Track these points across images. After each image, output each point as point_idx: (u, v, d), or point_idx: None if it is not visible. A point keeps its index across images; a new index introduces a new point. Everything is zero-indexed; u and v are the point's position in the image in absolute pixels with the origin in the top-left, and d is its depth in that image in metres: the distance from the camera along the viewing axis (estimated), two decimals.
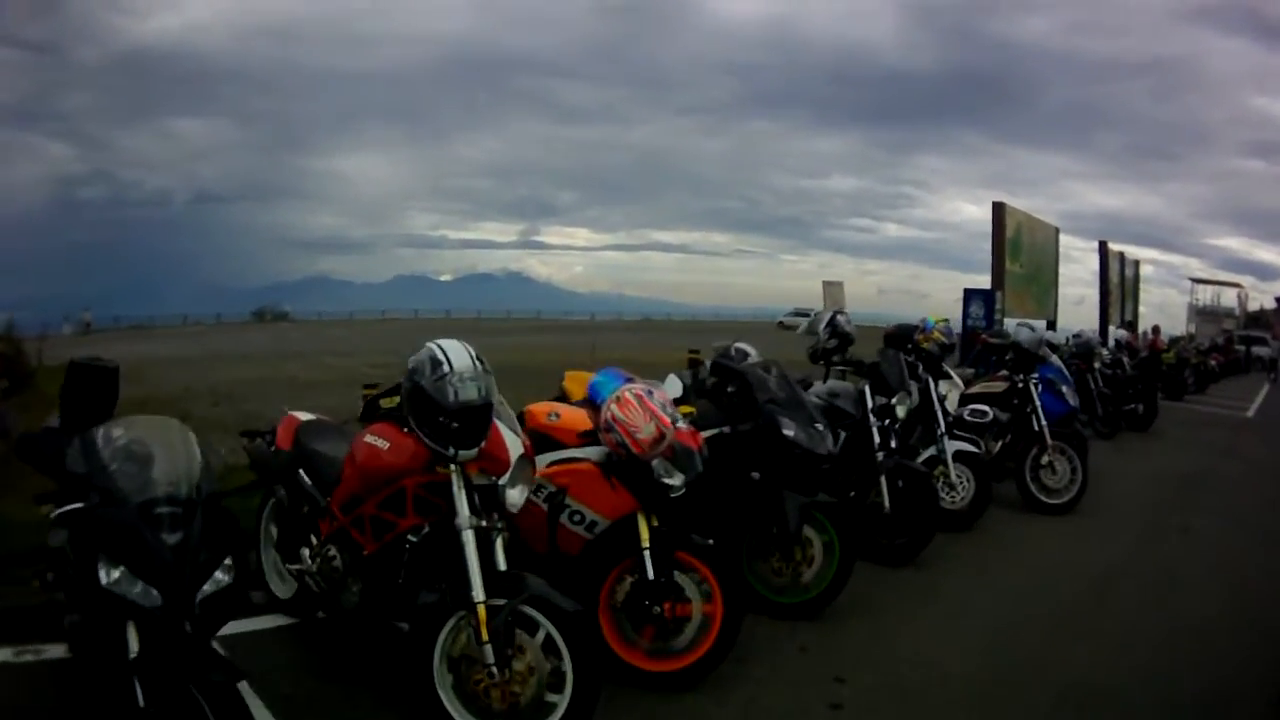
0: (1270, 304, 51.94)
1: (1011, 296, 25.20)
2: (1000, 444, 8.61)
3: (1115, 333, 18.36)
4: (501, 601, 3.36)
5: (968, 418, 8.37)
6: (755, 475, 5.05)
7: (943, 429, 7.23)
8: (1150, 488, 10.04)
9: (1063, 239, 31.66)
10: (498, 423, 3.68)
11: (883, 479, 6.24)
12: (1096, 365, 14.07)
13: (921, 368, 7.26)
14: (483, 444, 3.56)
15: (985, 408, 8.56)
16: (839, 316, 7.74)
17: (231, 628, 3.28)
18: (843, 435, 6.23)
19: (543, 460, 4.25)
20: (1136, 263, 37.07)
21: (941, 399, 7.50)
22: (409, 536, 3.70)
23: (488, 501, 3.62)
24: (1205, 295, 49.29)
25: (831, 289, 21.17)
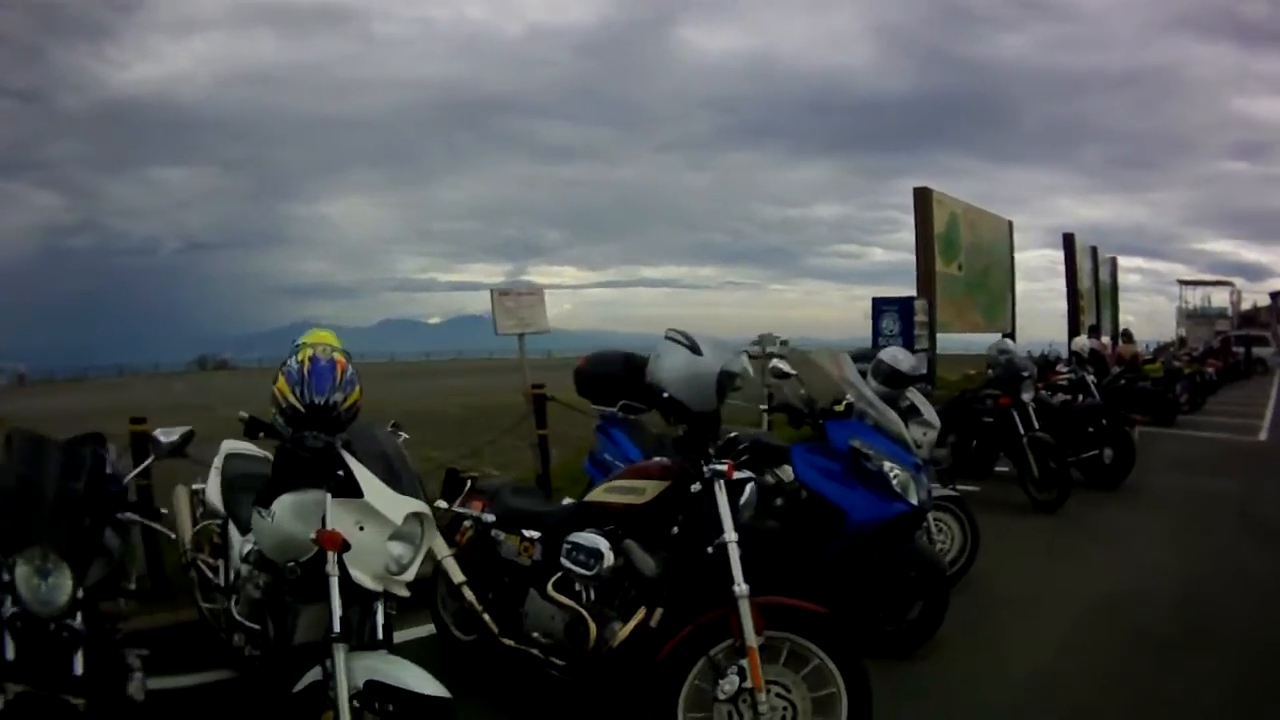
0: (1265, 301, 47.61)
1: (948, 306, 20.04)
2: None
3: (1076, 343, 13.26)
4: None
5: None
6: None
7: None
8: (1095, 655, 5.02)
9: (1046, 253, 26.73)
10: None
11: None
12: (1028, 397, 9.01)
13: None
14: None
15: None
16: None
17: None
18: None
19: None
20: (1113, 260, 31.80)
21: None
22: None
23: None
24: (1195, 298, 46.53)
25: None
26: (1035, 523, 8.20)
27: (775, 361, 5.74)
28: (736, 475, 3.64)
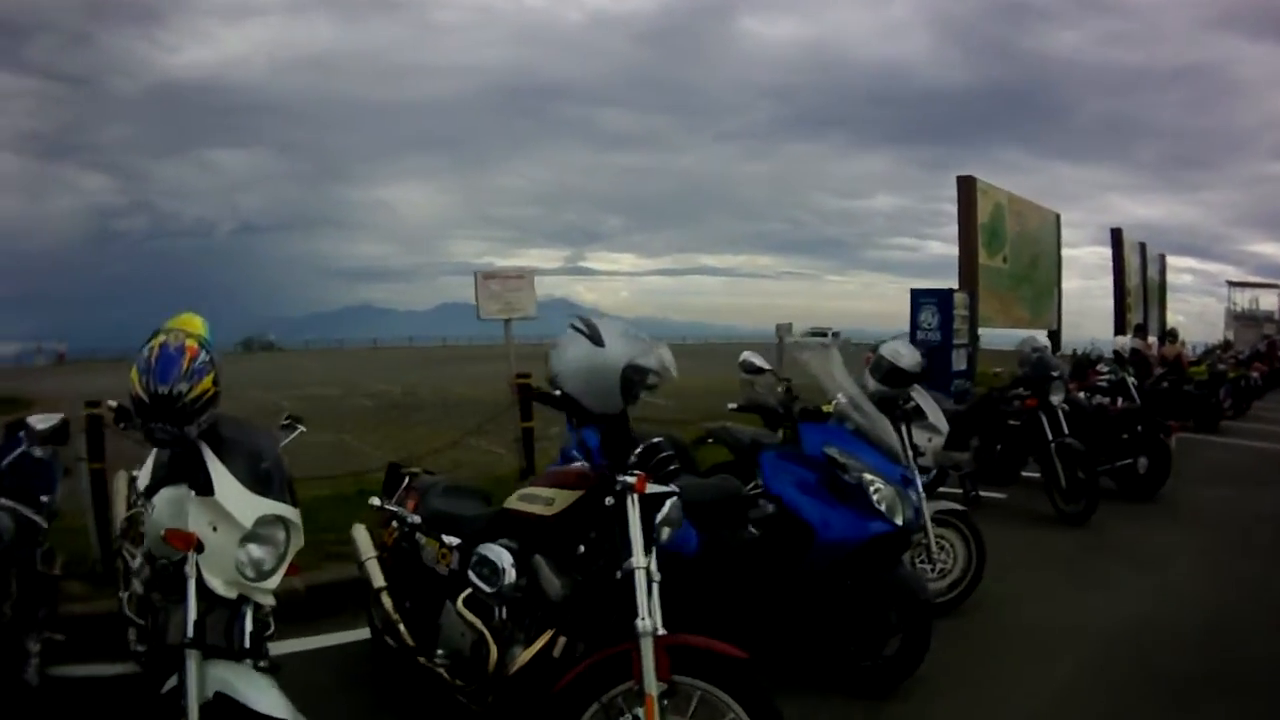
0: None
1: (991, 300, 19.49)
2: None
3: (1117, 342, 12.63)
4: None
5: None
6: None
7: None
8: (1101, 700, 4.50)
9: (1098, 250, 25.93)
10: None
11: None
12: (1058, 399, 8.51)
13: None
14: None
15: None
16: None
17: None
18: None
19: None
20: (1162, 256, 30.81)
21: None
22: None
23: None
24: (1243, 299, 44.82)
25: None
26: (1058, 537, 7.69)
27: (746, 354, 5.20)
28: (652, 489, 3.17)
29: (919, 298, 16.46)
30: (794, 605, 4.44)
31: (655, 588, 3.01)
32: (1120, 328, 23.21)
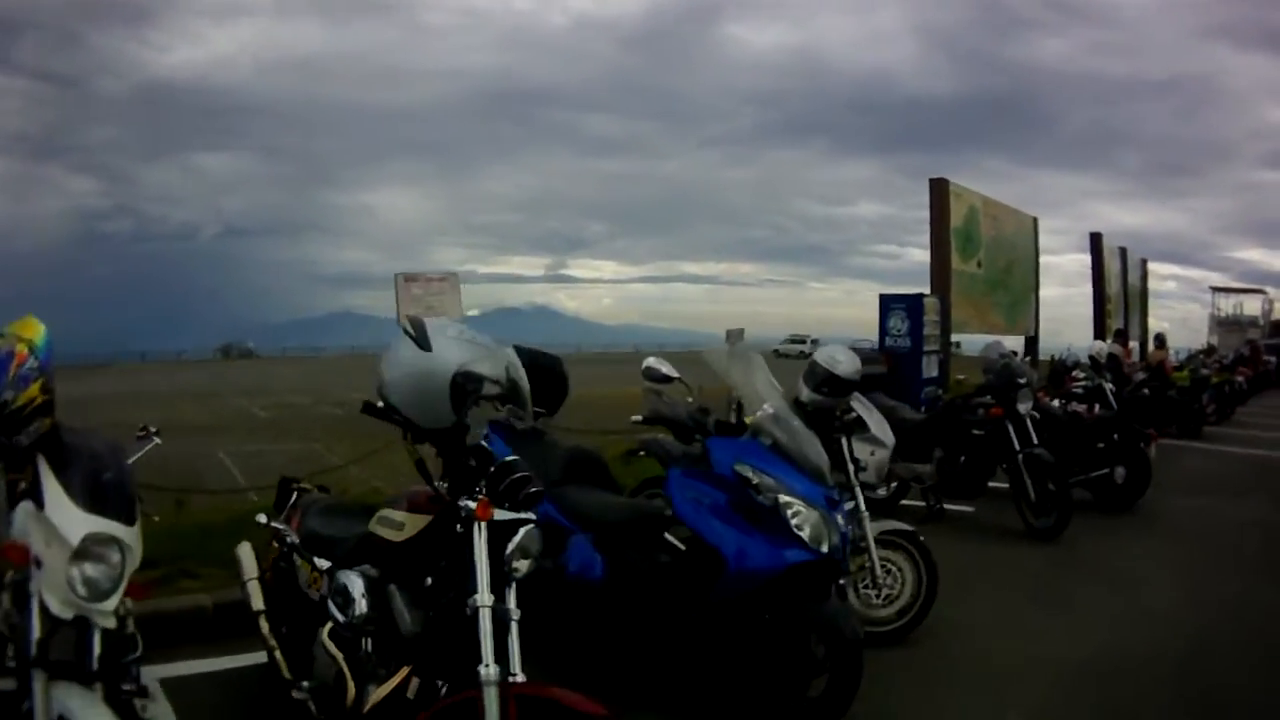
0: None
1: (965, 306, 18.94)
2: None
3: (1092, 347, 12.05)
4: None
5: None
6: None
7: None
8: None
9: (1080, 258, 25.44)
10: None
11: None
12: (1025, 407, 7.96)
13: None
14: None
15: None
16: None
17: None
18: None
19: None
20: (1143, 262, 30.25)
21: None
22: None
23: None
24: (1227, 305, 45.29)
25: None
26: (1026, 554, 7.12)
27: (650, 360, 4.58)
28: (502, 516, 2.79)
29: (888, 303, 15.89)
30: (709, 639, 3.88)
31: (514, 627, 2.68)
32: (1100, 334, 22.71)
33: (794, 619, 3.80)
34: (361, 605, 3.00)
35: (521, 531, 2.86)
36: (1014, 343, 22.03)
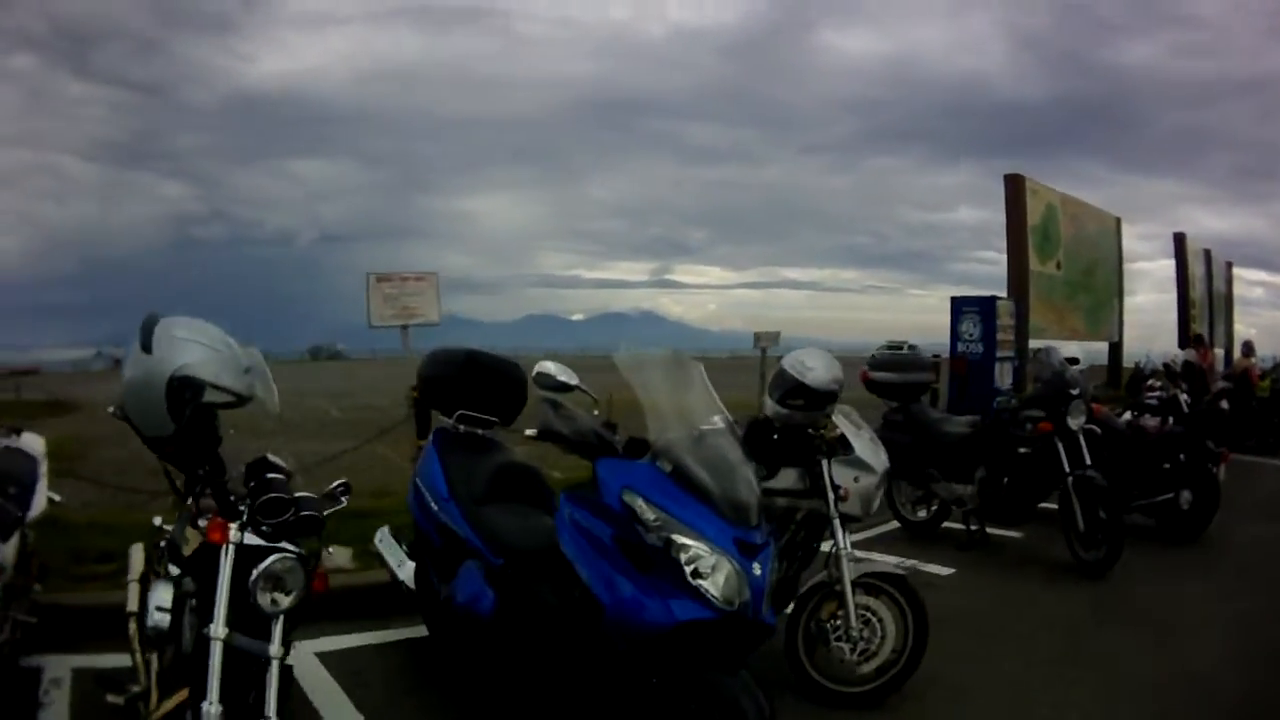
0: None
1: (1043, 310, 18.03)
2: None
3: (1168, 355, 11.16)
4: None
5: None
6: None
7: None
8: None
9: (1168, 264, 24.21)
10: None
11: None
12: (1077, 423, 7.22)
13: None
14: None
15: None
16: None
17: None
18: None
19: None
20: (1228, 265, 28.65)
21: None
22: None
23: None
24: None
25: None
26: (1064, 594, 6.34)
27: (544, 364, 3.73)
28: (250, 541, 2.71)
29: (960, 306, 15.12)
30: (598, 697, 3.25)
31: (274, 667, 2.66)
32: (1184, 340, 21.52)
33: (688, 691, 3.07)
34: (156, 617, 2.84)
35: (268, 560, 2.70)
36: (1097, 350, 20.93)
